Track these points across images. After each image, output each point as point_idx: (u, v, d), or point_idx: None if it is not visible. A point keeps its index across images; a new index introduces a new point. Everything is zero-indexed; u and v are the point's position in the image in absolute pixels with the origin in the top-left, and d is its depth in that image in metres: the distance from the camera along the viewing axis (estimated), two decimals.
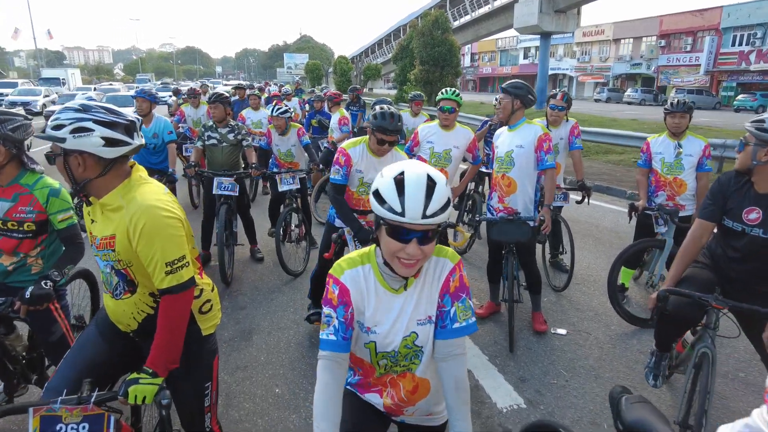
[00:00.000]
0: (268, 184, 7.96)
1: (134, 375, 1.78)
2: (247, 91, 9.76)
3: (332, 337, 1.53)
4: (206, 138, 5.30)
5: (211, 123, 5.34)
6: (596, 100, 45.81)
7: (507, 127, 3.99)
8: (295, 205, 5.43)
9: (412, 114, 7.62)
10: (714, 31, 39.37)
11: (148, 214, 1.77)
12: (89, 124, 1.75)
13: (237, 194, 5.14)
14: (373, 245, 1.63)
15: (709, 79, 40.71)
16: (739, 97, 35.10)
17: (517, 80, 3.94)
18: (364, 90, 45.78)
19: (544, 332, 4.12)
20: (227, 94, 5.37)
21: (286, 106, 5.63)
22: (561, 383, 3.47)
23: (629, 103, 41.66)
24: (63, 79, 33.25)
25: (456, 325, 1.58)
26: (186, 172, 5.29)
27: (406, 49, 26.76)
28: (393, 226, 1.40)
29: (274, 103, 5.71)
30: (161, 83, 50.46)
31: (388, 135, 3.25)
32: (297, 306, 4.63)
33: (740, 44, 37.88)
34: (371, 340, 1.61)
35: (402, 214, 1.37)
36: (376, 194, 1.42)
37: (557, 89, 6.68)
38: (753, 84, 37.41)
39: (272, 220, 6.02)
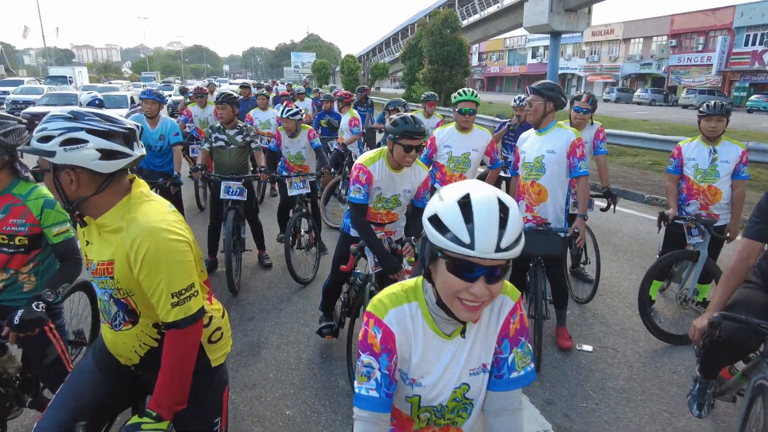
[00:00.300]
0: (276, 187, 7.77)
1: (136, 419, 1.57)
2: (255, 91, 9.56)
3: (373, 394, 1.27)
4: (213, 140, 5.10)
5: (218, 124, 5.14)
6: (606, 100, 45.35)
7: (535, 130, 3.74)
8: (305, 210, 5.22)
9: (425, 115, 7.38)
10: (726, 30, 38.87)
11: (151, 238, 1.56)
12: (82, 135, 1.52)
13: (245, 199, 4.93)
14: (419, 278, 1.37)
15: (721, 80, 40.20)
16: (753, 97, 34.58)
17: (548, 81, 3.69)
18: (371, 89, 45.57)
19: (569, 349, 3.89)
20: (235, 95, 5.17)
21: (297, 107, 5.40)
22: (591, 406, 3.23)
23: (639, 104, 41.24)
24: (70, 77, 33.07)
25: (514, 374, 1.36)
26: (192, 175, 5.05)
27: (414, 48, 26.49)
28: (457, 261, 1.15)
29: (284, 104, 5.50)
30: (163, 82, 49.30)
31: (415, 139, 2.98)
32: (307, 317, 4.42)
33: (753, 44, 37.38)
34: (415, 393, 1.37)
35: (471, 246, 1.11)
36: (435, 220, 1.17)
37: (582, 90, 6.44)
38: (766, 84, 36.90)
39: (281, 225, 5.81)
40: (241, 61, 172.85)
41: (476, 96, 4.18)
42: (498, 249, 1.11)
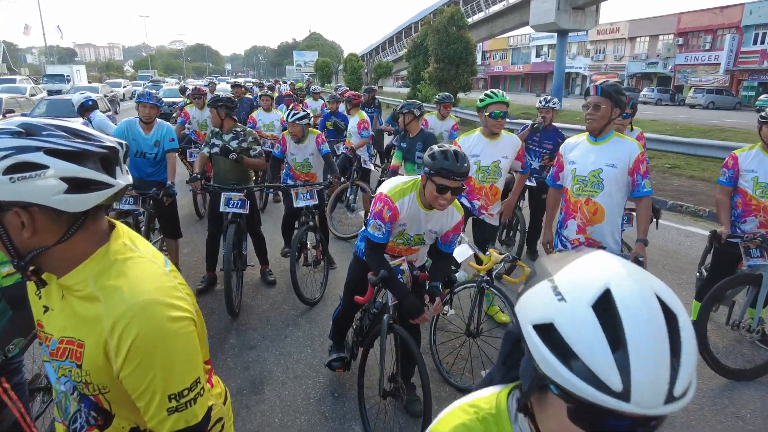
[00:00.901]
0: (280, 194, 7.31)
1: None
2: (257, 91, 9.09)
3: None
4: (211, 145, 4.66)
5: (216, 129, 4.70)
6: None
7: (588, 137, 3.24)
8: (311, 224, 4.77)
9: (440, 117, 6.93)
10: (735, 28, 38.33)
11: (143, 319, 1.07)
12: (39, 157, 1.01)
13: (247, 212, 4.48)
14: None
15: (729, 79, 39.65)
16: (762, 97, 33.89)
17: (613, 81, 3.19)
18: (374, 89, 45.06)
19: None
20: (226, 96, 4.72)
21: (305, 110, 4.94)
22: None
23: (645, 103, 40.71)
24: (68, 75, 32.29)
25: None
26: (190, 185, 4.58)
27: (419, 46, 26.02)
28: (592, 410, 0.69)
29: (290, 107, 5.03)
30: (151, 81, 45.44)
31: (453, 179, 2.43)
32: (315, 345, 3.97)
33: (762, 42, 36.82)
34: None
35: (624, 397, 0.66)
36: (548, 334, 0.72)
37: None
38: None
39: (285, 237, 5.37)
40: (243, 60, 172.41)
41: (506, 97, 3.73)
42: (669, 399, 0.66)
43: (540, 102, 5.57)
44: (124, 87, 36.88)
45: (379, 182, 5.30)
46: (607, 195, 3.13)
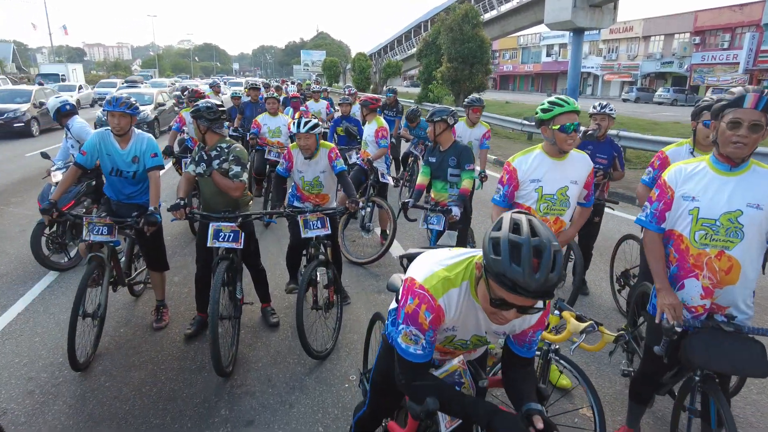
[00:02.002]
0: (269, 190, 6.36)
1: None
2: (264, 93, 8.24)
3: None
4: (198, 162, 3.84)
5: (202, 144, 3.88)
6: (624, 100, 43.95)
7: (715, 164, 2.30)
8: (322, 258, 3.92)
9: (469, 123, 6.08)
10: (755, 26, 37.14)
11: None
12: None
13: (242, 246, 3.65)
14: None
15: (748, 78, 38.46)
16: None
17: None
18: (383, 89, 44.18)
19: None
20: (208, 105, 3.80)
21: (314, 117, 4.10)
22: None
23: (660, 104, 39.79)
24: (63, 75, 30.76)
25: None
26: (172, 213, 3.71)
27: (431, 45, 25.12)
28: None
29: (297, 115, 4.21)
30: (125, 82, 34.06)
31: (524, 297, 1.43)
32: (328, 421, 3.14)
33: None
34: None
35: None
36: None
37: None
38: None
39: (291, 270, 4.53)
40: (250, 60, 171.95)
41: (577, 104, 2.87)
42: None
43: (594, 107, 4.69)
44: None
45: (404, 206, 4.40)
46: (746, 246, 2.23)
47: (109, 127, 3.89)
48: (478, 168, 4.86)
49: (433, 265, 1.76)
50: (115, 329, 4.26)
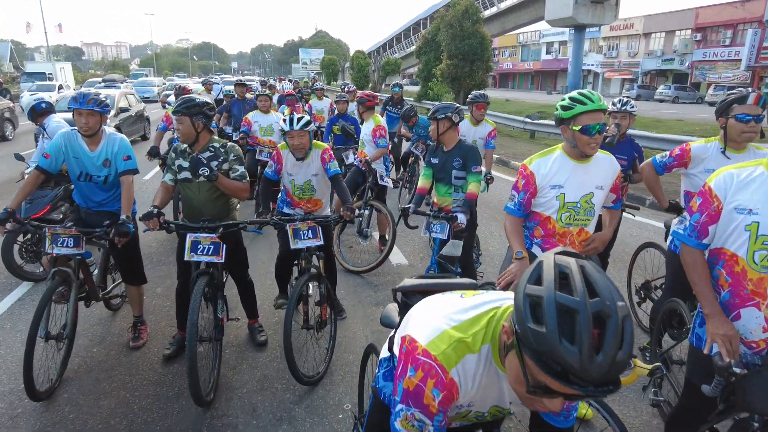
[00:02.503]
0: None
1: None
2: (259, 90, 7.84)
3: None
4: (177, 168, 3.45)
5: (184, 146, 3.49)
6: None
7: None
8: (314, 271, 3.54)
9: (473, 122, 5.69)
10: (757, 23, 36.76)
11: None
12: None
13: (222, 261, 3.27)
14: None
15: (750, 75, 38.11)
16: None
17: None
18: (382, 87, 43.73)
19: None
20: (204, 100, 3.44)
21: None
22: None
23: (661, 101, 39.44)
24: (50, 74, 29.41)
25: None
26: (145, 223, 3.26)
27: (431, 42, 24.69)
28: None
29: (288, 111, 3.83)
30: (104, 81, 33.81)
31: (581, 388, 0.99)
32: None
33: None
34: None
35: None
36: None
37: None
38: None
39: (280, 283, 4.15)
40: (249, 58, 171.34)
41: (603, 102, 2.49)
42: None
43: (614, 104, 4.29)
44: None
45: (404, 212, 4.01)
46: None
47: (76, 128, 3.50)
48: (483, 169, 4.48)
49: (441, 320, 1.32)
50: (87, 349, 3.87)
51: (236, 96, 8.66)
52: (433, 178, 4.15)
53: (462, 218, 3.65)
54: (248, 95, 8.70)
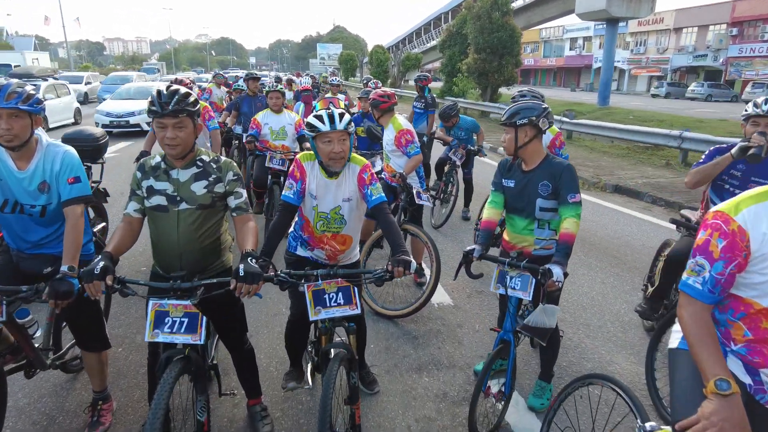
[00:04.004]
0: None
1: None
2: (266, 85, 6.75)
3: None
4: (145, 193, 2.36)
5: (157, 159, 2.40)
6: (653, 96, 41.85)
7: None
8: (343, 352, 2.38)
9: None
10: None
11: None
12: None
13: (201, 342, 2.16)
14: None
15: None
16: None
17: None
18: (401, 83, 42.43)
19: None
20: (185, 91, 2.33)
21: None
22: None
23: (692, 99, 37.62)
24: (17, 65, 25.09)
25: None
26: (87, 289, 2.09)
27: (455, 35, 23.40)
28: None
29: (322, 105, 2.74)
30: (9, 77, 21.34)
31: None
32: None
33: None
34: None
35: None
36: None
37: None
38: None
39: (290, 354, 3.00)
40: (267, 54, 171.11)
41: None
42: None
43: (755, 106, 3.08)
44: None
45: (466, 258, 2.81)
46: None
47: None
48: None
49: None
50: None
51: (248, 90, 7.57)
52: (506, 207, 2.99)
53: (559, 273, 2.48)
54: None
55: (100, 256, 2.14)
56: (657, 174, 10.24)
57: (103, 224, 5.31)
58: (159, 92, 2.26)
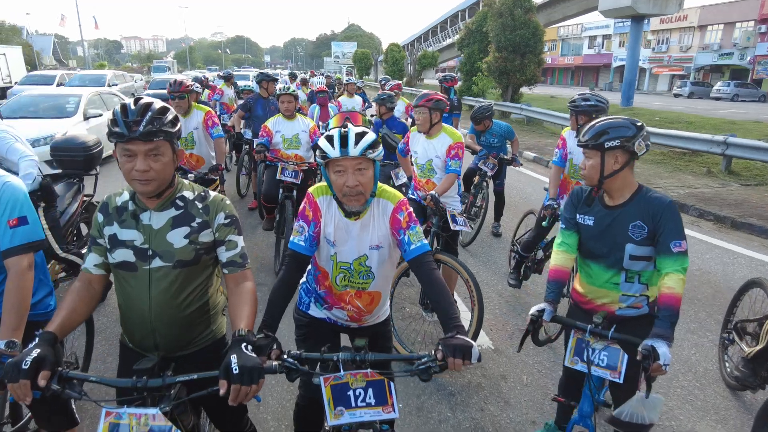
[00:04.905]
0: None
1: None
2: (278, 86, 6.12)
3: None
4: (108, 244, 1.75)
5: (124, 197, 1.78)
6: (676, 95, 40.65)
7: None
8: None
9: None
10: None
11: None
12: None
13: None
14: None
15: None
16: None
17: None
18: (416, 82, 41.66)
19: None
20: (161, 105, 1.69)
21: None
22: None
23: (718, 99, 36.34)
24: None
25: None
26: (12, 392, 1.44)
27: (474, 33, 22.60)
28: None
29: (336, 122, 2.17)
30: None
31: None
32: None
33: None
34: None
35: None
36: None
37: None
38: None
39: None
40: (282, 52, 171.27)
41: None
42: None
43: None
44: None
45: (533, 323, 2.13)
46: None
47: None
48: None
49: None
50: None
51: (261, 90, 6.93)
52: (583, 251, 2.32)
53: (667, 355, 1.81)
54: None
55: (36, 340, 1.52)
56: (699, 183, 9.44)
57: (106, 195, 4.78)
58: (124, 107, 1.63)
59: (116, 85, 19.39)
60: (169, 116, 1.68)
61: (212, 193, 1.84)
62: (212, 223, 1.78)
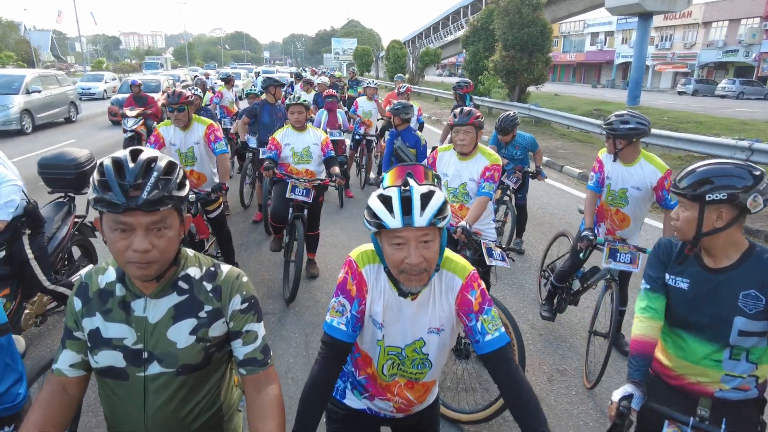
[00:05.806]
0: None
1: None
2: (296, 89, 5.71)
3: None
4: (88, 340, 1.33)
5: (110, 276, 1.35)
6: (680, 93, 40.30)
7: None
8: None
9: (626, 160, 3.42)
10: None
11: None
12: None
13: None
14: None
15: None
16: None
17: None
18: (418, 79, 41.17)
19: None
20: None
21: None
22: None
23: (723, 97, 35.98)
24: None
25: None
26: None
27: (480, 30, 22.13)
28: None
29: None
30: None
31: None
32: None
33: None
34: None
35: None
36: None
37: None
38: None
39: None
40: (281, 48, 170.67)
41: None
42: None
43: None
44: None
45: (620, 414, 1.72)
46: None
47: None
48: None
49: None
50: None
51: (267, 96, 6.51)
52: (670, 317, 1.92)
53: None
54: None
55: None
56: None
57: (90, 267, 4.37)
58: (119, 164, 1.21)
59: (38, 92, 14.59)
60: (177, 175, 1.26)
61: (224, 268, 1.41)
62: (225, 310, 1.36)
